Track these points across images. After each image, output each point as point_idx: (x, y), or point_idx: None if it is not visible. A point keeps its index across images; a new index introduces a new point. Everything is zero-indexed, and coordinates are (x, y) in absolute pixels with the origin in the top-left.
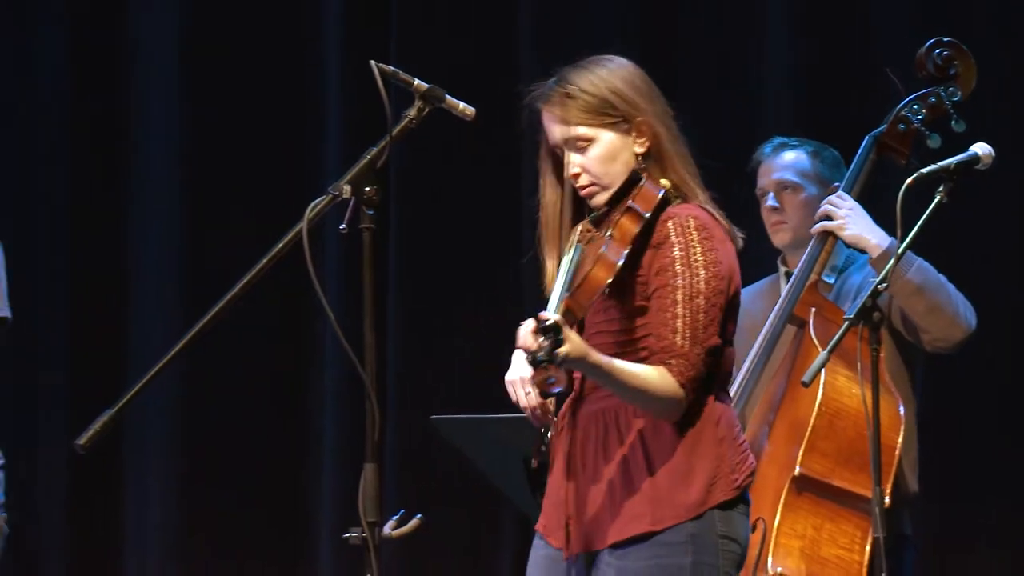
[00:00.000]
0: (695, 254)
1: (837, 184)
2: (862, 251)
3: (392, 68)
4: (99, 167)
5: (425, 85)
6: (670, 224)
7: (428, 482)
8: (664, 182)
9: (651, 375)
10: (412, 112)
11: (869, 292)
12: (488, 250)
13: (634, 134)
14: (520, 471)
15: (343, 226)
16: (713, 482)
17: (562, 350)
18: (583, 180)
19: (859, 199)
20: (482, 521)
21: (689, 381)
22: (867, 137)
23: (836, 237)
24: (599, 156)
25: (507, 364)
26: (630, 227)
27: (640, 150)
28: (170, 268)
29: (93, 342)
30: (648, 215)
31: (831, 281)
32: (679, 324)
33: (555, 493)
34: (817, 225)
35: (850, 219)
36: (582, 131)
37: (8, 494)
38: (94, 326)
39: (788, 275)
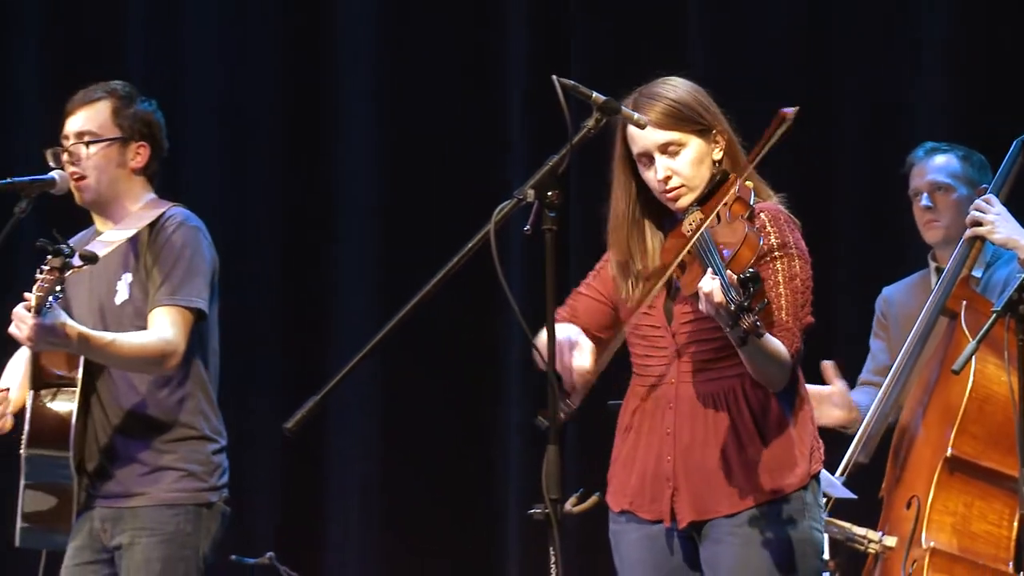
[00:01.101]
0: (789, 242)
1: (985, 186)
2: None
3: (572, 82)
4: (306, 168)
5: (602, 97)
6: (764, 216)
7: (605, 463)
8: (748, 183)
9: (780, 344)
10: (590, 122)
11: (1016, 286)
12: None
13: (713, 142)
14: None
15: (527, 227)
16: (812, 453)
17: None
18: (673, 182)
19: (1006, 201)
20: None
21: (796, 353)
22: (1015, 142)
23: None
24: (689, 160)
25: None
26: (740, 210)
27: (718, 156)
28: (370, 265)
29: (300, 334)
30: (753, 203)
31: (979, 275)
32: (783, 302)
33: (647, 469)
34: (968, 231)
35: (998, 223)
36: (675, 137)
37: (228, 475)
38: (302, 319)
39: (939, 270)
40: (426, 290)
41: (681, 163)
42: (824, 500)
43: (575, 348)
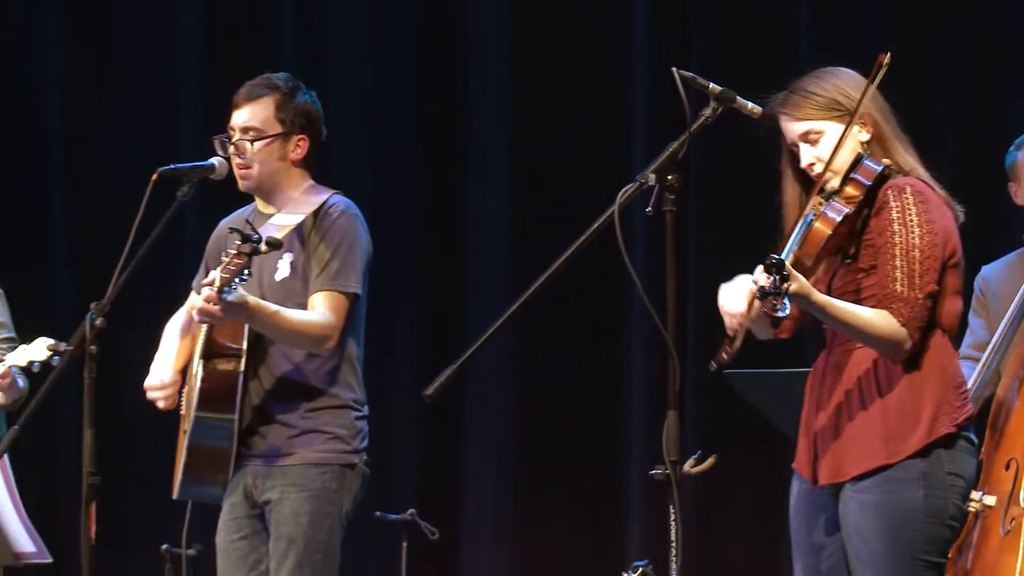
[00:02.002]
0: (911, 215)
1: None
2: None
3: (690, 74)
4: (441, 156)
5: (719, 88)
6: (889, 192)
7: (721, 428)
8: (886, 160)
9: (874, 315)
10: (707, 111)
11: None
12: (774, 229)
13: (857, 126)
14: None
15: (649, 208)
16: (935, 421)
17: (787, 285)
18: (817, 168)
19: None
20: (770, 465)
21: (910, 321)
22: None
23: None
24: (830, 145)
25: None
26: (853, 192)
27: (865, 138)
28: (502, 244)
29: (438, 308)
30: (869, 183)
31: None
32: (898, 274)
33: (805, 433)
34: None
35: None
36: (812, 125)
37: (369, 440)
38: (438, 294)
39: None
40: (555, 267)
41: (822, 149)
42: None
43: (734, 294)
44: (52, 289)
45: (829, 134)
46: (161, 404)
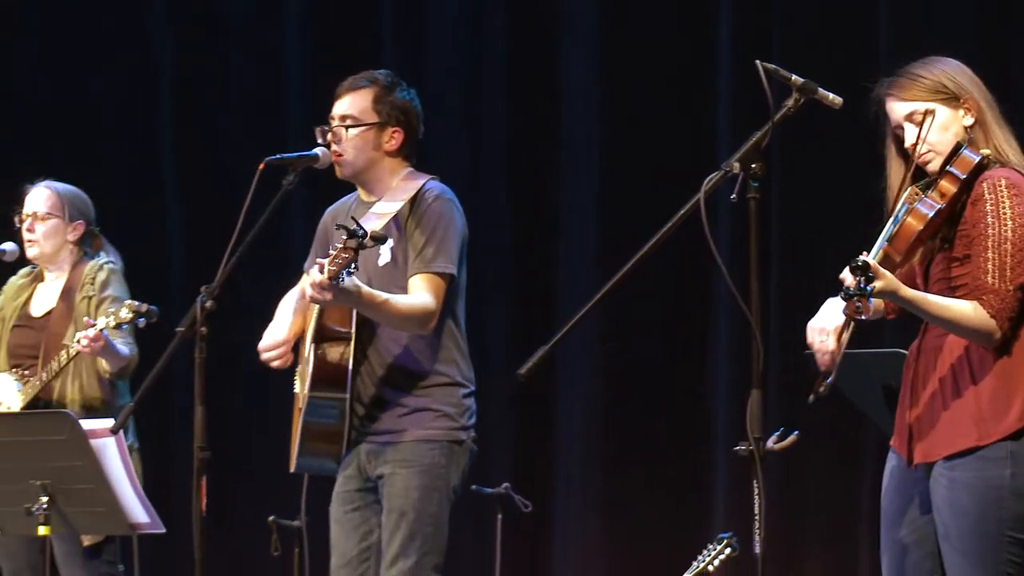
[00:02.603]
0: (1004, 208)
1: None
2: None
3: (773, 66)
4: (534, 143)
5: (800, 79)
6: (984, 184)
7: (803, 406)
8: (984, 151)
9: (963, 306)
10: (790, 102)
11: None
12: (851, 215)
13: (962, 110)
14: (880, 398)
15: (733, 195)
16: None
17: (874, 284)
18: (920, 148)
19: None
20: (848, 442)
21: (999, 312)
22: None
23: None
24: (935, 127)
25: None
26: (947, 187)
27: (968, 122)
28: (593, 229)
29: (531, 291)
30: (964, 176)
31: None
32: (989, 266)
33: (901, 415)
34: None
35: None
36: (916, 106)
37: (475, 417)
38: (531, 277)
39: None
40: (643, 252)
41: (926, 129)
42: None
43: (823, 333)
44: (164, 273)
45: (934, 115)
46: (276, 363)
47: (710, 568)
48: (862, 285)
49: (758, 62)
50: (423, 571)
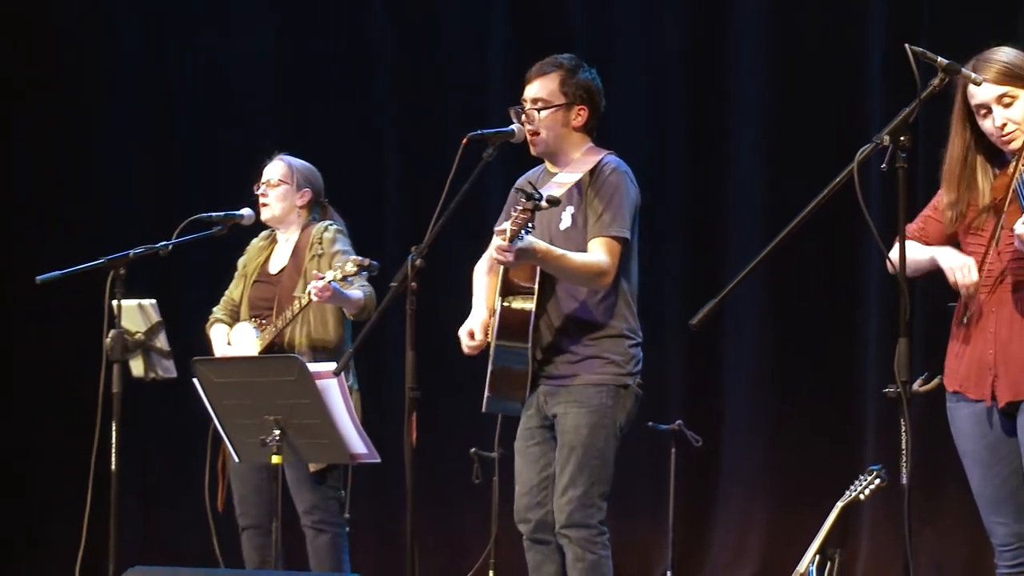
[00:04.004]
0: None
1: None
2: None
3: (921, 49)
4: (706, 115)
5: (945, 61)
6: None
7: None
8: None
9: None
10: (935, 81)
11: None
12: None
13: None
14: None
15: (883, 165)
16: None
17: None
18: (1008, 128)
19: None
20: None
21: None
22: None
23: None
24: (1022, 109)
25: None
26: None
27: None
28: (759, 193)
29: (703, 248)
30: None
31: None
32: None
33: (974, 360)
34: None
35: None
36: (1007, 90)
37: (639, 365)
38: (703, 236)
39: None
40: (804, 214)
41: (1014, 112)
42: None
43: (964, 267)
44: (380, 234)
45: (1020, 99)
46: (465, 350)
47: (861, 496)
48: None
49: (907, 45)
50: (591, 499)
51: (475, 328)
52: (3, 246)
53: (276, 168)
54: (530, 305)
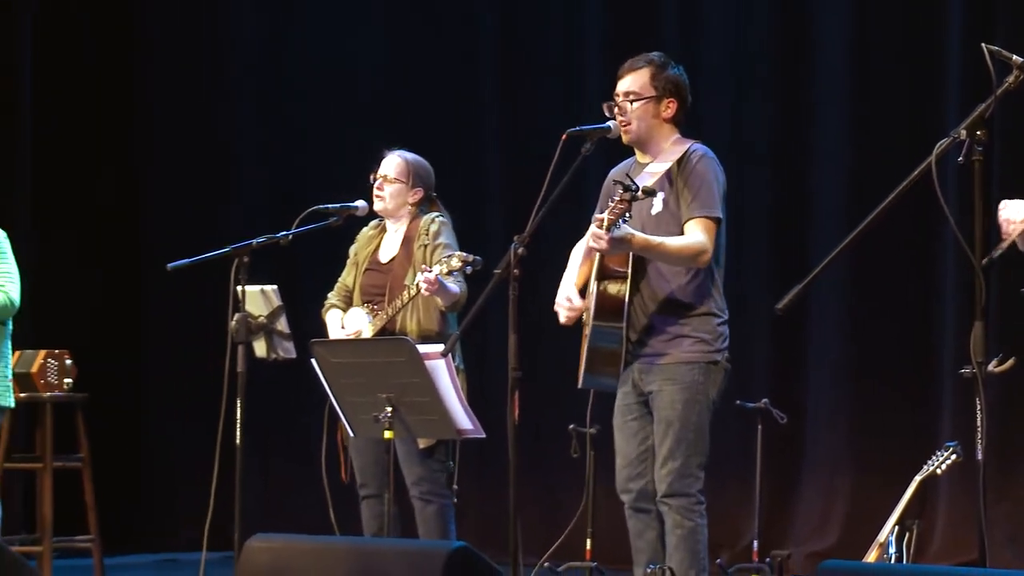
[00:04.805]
0: None
1: None
2: None
3: (996, 48)
4: (788, 105)
5: (1020, 59)
6: None
7: (1021, 335)
8: None
9: None
10: (1010, 79)
11: None
12: None
13: None
14: None
15: (960, 158)
16: None
17: None
18: None
19: None
20: None
21: None
22: None
23: None
24: None
25: None
26: None
27: None
28: (841, 181)
29: (787, 236)
30: None
31: None
32: None
33: None
34: None
35: None
36: None
37: (729, 341)
38: (788, 224)
39: None
40: (885, 204)
41: None
42: None
43: (1016, 206)
44: (483, 224)
45: None
46: (562, 318)
47: (938, 471)
48: None
49: (983, 44)
50: (689, 470)
51: (571, 295)
52: (138, 237)
53: (394, 164)
54: (624, 288)
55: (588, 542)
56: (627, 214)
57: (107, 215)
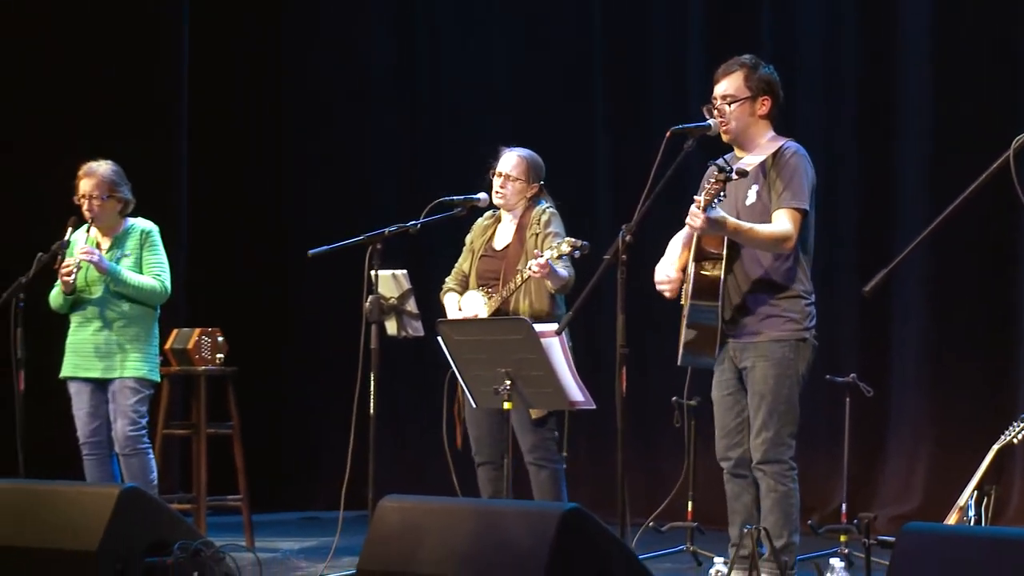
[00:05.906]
0: None
1: None
2: None
3: None
4: (875, 107)
5: None
6: None
7: None
8: None
9: None
10: None
11: None
12: None
13: None
14: None
15: None
16: None
17: None
18: None
19: None
20: None
21: None
22: None
23: None
24: None
25: None
26: None
27: None
28: (924, 175)
29: (872, 223)
30: None
31: None
32: None
33: None
34: None
35: None
36: None
37: (817, 320)
38: (873, 213)
39: None
40: (966, 194)
41: None
42: None
43: None
44: (593, 214)
45: None
46: (667, 294)
47: (1015, 440)
48: None
49: None
50: (782, 439)
51: (669, 272)
52: (284, 226)
53: (514, 163)
54: (719, 269)
55: (689, 504)
56: (722, 194)
57: (257, 209)
